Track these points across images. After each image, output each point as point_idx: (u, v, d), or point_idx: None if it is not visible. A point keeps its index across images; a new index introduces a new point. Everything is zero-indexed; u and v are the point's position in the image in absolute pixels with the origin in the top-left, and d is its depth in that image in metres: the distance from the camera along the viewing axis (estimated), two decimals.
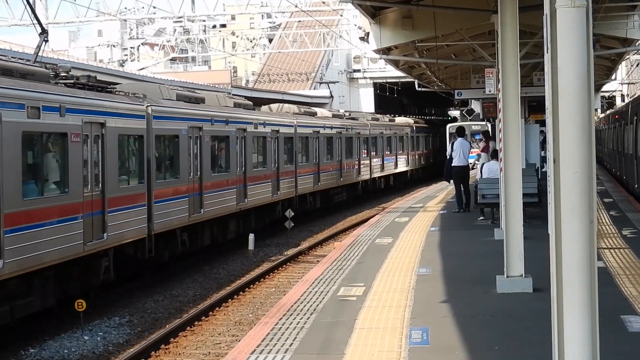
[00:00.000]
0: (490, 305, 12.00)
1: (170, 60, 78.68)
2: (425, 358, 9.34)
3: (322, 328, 10.89)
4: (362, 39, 26.53)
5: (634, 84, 66.21)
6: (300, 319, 11.41)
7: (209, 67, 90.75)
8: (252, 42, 68.67)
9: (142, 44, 77.19)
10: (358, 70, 73.57)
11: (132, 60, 66.16)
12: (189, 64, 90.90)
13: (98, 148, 16.84)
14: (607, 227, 20.60)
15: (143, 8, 46.90)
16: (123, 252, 18.25)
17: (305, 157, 32.97)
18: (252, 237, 25.45)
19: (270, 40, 75.65)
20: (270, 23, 67.01)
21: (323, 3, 47.75)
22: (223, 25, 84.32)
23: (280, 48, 64.86)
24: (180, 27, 60.12)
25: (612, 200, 27.97)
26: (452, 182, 26.18)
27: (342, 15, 60.26)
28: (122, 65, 52.83)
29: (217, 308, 16.98)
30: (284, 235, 28.26)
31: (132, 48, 72.80)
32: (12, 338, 14.42)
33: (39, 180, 15.06)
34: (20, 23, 39.56)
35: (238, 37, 65.69)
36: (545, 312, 7.01)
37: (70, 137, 15.63)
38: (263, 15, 61.90)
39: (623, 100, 61.85)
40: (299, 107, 35.99)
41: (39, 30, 17.30)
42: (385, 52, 23.97)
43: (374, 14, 20.98)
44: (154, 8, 46.03)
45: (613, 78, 44.63)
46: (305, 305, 12.35)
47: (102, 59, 68.05)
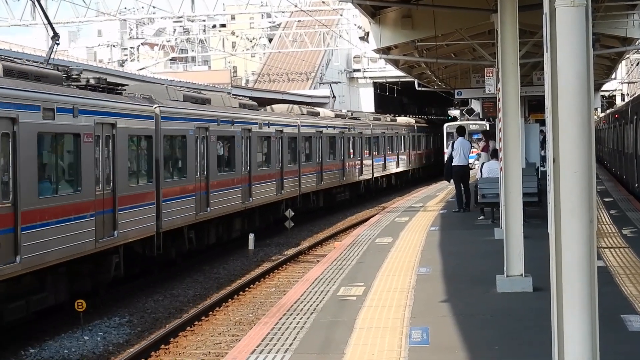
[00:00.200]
0: (490, 305, 12.00)
1: (170, 60, 78.64)
2: (426, 357, 9.33)
3: (322, 328, 10.89)
4: (362, 39, 26.54)
5: (634, 83, 66.19)
6: (300, 319, 11.41)
7: (209, 67, 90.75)
8: (252, 42, 68.67)
9: (142, 44, 77.18)
10: (358, 70, 73.53)
11: (132, 60, 66.11)
12: (189, 64, 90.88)
13: (109, 148, 17.21)
14: (607, 226, 20.60)
15: (143, 8, 46.89)
16: (132, 249, 18.57)
17: (309, 156, 33.24)
18: (252, 236, 25.46)
19: (270, 40, 75.64)
20: (270, 23, 66.98)
21: (323, 3, 47.75)
22: (223, 25, 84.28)
23: (280, 48, 64.86)
24: (180, 27, 60.15)
25: (612, 200, 27.97)
26: (452, 181, 26.18)
27: (342, 15, 60.31)
28: (121, 66, 52.78)
29: (217, 308, 16.98)
30: (284, 235, 28.26)
31: (132, 48, 72.76)
32: (12, 338, 14.42)
33: (53, 179, 15.44)
34: (20, 23, 39.56)
35: (238, 37, 65.71)
36: (546, 311, 7.01)
37: (83, 137, 16.04)
38: (263, 15, 61.88)
39: (623, 100, 61.81)
40: (302, 107, 36.30)
41: (51, 34, 17.69)
42: (385, 51, 23.97)
43: (374, 14, 20.98)
44: (154, 8, 46.03)
45: (613, 77, 44.58)
46: (305, 305, 12.35)
47: (101, 59, 68.00)
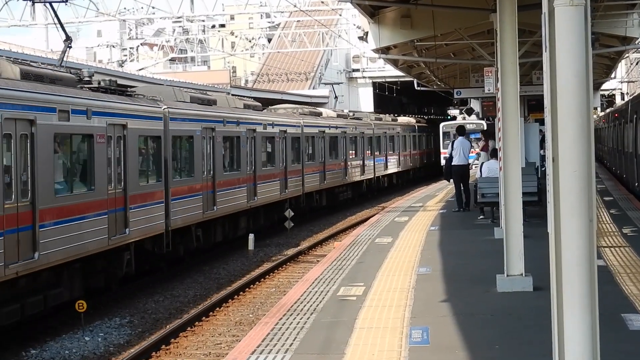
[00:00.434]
0: (491, 304, 11.99)
1: (170, 61, 78.61)
2: (426, 357, 9.33)
3: (322, 328, 10.88)
4: (361, 39, 26.55)
5: (634, 82, 66.18)
6: (301, 319, 11.41)
7: (208, 67, 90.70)
8: (251, 42, 68.63)
9: (141, 44, 77.11)
10: (357, 70, 73.43)
11: (131, 61, 66.03)
12: (188, 64, 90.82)
13: (120, 148, 17.80)
14: (607, 225, 20.59)
15: (142, 8, 46.89)
16: (143, 246, 19.10)
17: (312, 156, 33.74)
18: (251, 237, 25.48)
19: (269, 40, 75.59)
20: (269, 23, 67.00)
21: (322, 3, 47.73)
22: (222, 25, 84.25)
23: (279, 48, 64.82)
24: (180, 27, 60.11)
25: (612, 199, 27.97)
26: (452, 181, 26.17)
27: (341, 15, 60.29)
28: (121, 66, 52.72)
29: (217, 308, 16.99)
30: (284, 235, 28.26)
31: (131, 48, 72.67)
32: (13, 338, 14.42)
33: (69, 179, 16.02)
34: (20, 24, 39.55)
35: (237, 37, 65.65)
36: (546, 310, 7.00)
37: (96, 138, 16.62)
38: (262, 15, 61.91)
39: (623, 99, 61.78)
40: (305, 107, 36.90)
41: (64, 37, 18.32)
42: (385, 51, 23.97)
43: (373, 14, 20.98)
44: (153, 8, 46.04)
45: (612, 76, 44.57)
46: (306, 305, 12.35)
47: (101, 60, 67.95)
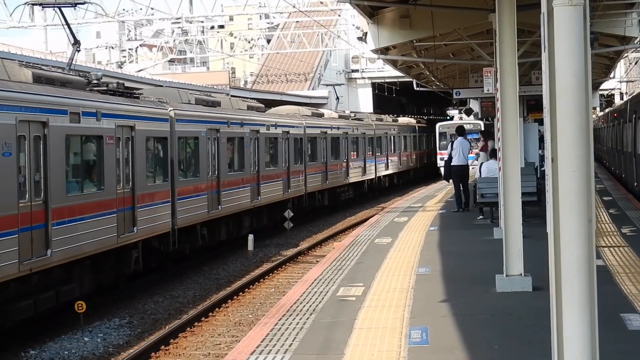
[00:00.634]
0: (490, 305, 11.99)
1: (169, 62, 78.52)
2: (425, 358, 9.33)
3: (321, 328, 10.88)
4: (360, 39, 26.57)
5: (633, 82, 66.18)
6: (300, 320, 11.41)
7: (208, 68, 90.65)
8: (250, 42, 68.57)
9: (140, 46, 77.10)
10: (356, 71, 73.40)
11: (130, 62, 65.96)
12: (187, 65, 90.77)
13: (128, 149, 18.31)
14: (606, 225, 20.59)
15: (141, 9, 46.84)
16: (150, 244, 19.55)
17: (314, 156, 34.16)
18: (251, 237, 25.50)
19: (269, 41, 75.55)
20: (268, 24, 66.90)
21: (321, 3, 47.73)
22: (221, 26, 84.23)
23: (279, 49, 64.80)
24: (178, 28, 59.97)
25: (611, 199, 27.97)
26: (451, 181, 26.17)
27: (340, 16, 60.23)
28: (120, 67, 52.70)
29: (216, 309, 16.99)
30: (283, 236, 28.26)
31: (130, 49, 72.58)
32: (12, 339, 14.42)
33: (79, 178, 16.56)
34: (19, 25, 39.52)
35: (236, 37, 65.60)
36: (545, 310, 7.00)
37: (105, 139, 17.15)
38: (261, 16, 61.83)
39: (622, 99, 61.78)
40: (307, 108, 37.37)
41: (72, 41, 18.82)
42: (384, 51, 23.95)
43: (372, 14, 20.97)
44: (152, 9, 45.96)
45: (612, 76, 44.54)
46: (305, 306, 12.35)
47: (100, 61, 67.96)
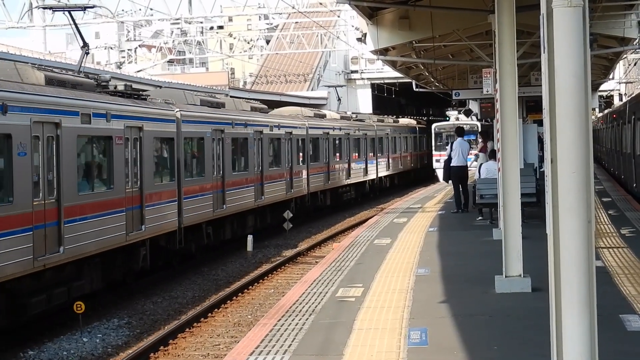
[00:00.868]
0: (489, 305, 12.00)
1: (168, 62, 78.50)
2: (424, 358, 9.33)
3: (321, 329, 10.88)
4: (359, 40, 26.57)
5: (632, 83, 66.19)
6: (299, 320, 11.41)
7: (207, 68, 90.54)
8: (249, 43, 68.56)
9: (139, 46, 77.09)
10: (356, 71, 73.38)
11: (129, 63, 65.94)
12: (187, 66, 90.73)
13: (137, 149, 18.74)
14: (605, 226, 20.60)
15: (140, 10, 46.86)
16: (157, 242, 19.97)
17: (316, 157, 34.49)
18: (250, 238, 25.51)
19: (268, 42, 75.55)
20: (268, 24, 66.94)
21: (320, 4, 47.75)
22: (220, 27, 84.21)
23: (278, 49, 64.77)
24: (178, 28, 59.95)
25: (610, 200, 27.98)
26: (450, 182, 26.17)
27: (339, 17, 60.17)
28: (119, 68, 52.67)
29: (216, 309, 16.99)
30: (283, 237, 28.26)
31: (129, 50, 72.58)
32: (11, 340, 14.41)
33: (90, 178, 17.02)
34: (17, 26, 39.48)
35: (235, 38, 65.58)
36: (544, 311, 7.01)
37: (115, 140, 17.57)
38: (260, 17, 61.93)
39: (621, 100, 61.80)
40: (309, 109, 37.84)
41: (81, 44, 19.42)
42: (383, 52, 23.96)
43: (371, 15, 20.96)
44: (151, 10, 45.92)
45: (611, 77, 44.57)
46: (304, 306, 12.35)
47: (99, 61, 67.87)
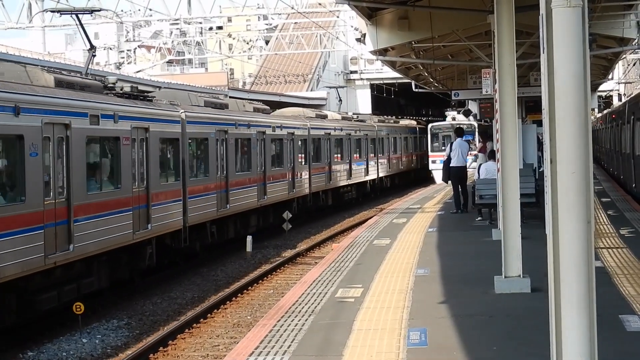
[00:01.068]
0: (489, 306, 11.99)
1: (167, 63, 78.50)
2: (424, 359, 9.33)
3: (320, 329, 10.88)
4: (358, 40, 26.59)
5: (631, 84, 66.20)
6: (299, 321, 11.40)
7: (206, 69, 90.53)
8: (248, 43, 68.56)
9: (138, 47, 77.09)
10: (355, 72, 73.41)
11: (128, 63, 65.94)
12: (186, 66, 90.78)
13: (143, 150, 19.09)
14: (604, 226, 20.60)
15: (139, 10, 46.86)
16: (163, 241, 20.32)
17: (318, 157, 34.76)
18: (249, 239, 25.50)
19: (267, 42, 75.55)
20: (267, 25, 66.89)
21: (319, 4, 47.75)
22: (219, 27, 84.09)
23: (277, 50, 64.77)
24: (177, 29, 59.93)
25: (609, 200, 27.98)
26: (450, 182, 26.16)
27: (338, 17, 60.15)
28: (118, 68, 52.70)
29: (215, 310, 16.98)
30: (282, 237, 28.25)
31: (128, 51, 72.55)
32: (10, 341, 14.41)
33: (98, 178, 17.39)
34: (17, 26, 39.47)
35: (234, 39, 65.58)
36: (544, 311, 7.00)
37: (122, 140, 17.94)
38: (259, 17, 61.91)
39: (620, 100, 61.80)
40: (311, 110, 38.26)
41: (88, 47, 19.73)
42: (382, 53, 23.97)
43: (370, 15, 20.97)
44: (150, 10, 45.91)
45: (610, 77, 44.61)
46: (304, 307, 12.34)
47: (98, 62, 67.80)
